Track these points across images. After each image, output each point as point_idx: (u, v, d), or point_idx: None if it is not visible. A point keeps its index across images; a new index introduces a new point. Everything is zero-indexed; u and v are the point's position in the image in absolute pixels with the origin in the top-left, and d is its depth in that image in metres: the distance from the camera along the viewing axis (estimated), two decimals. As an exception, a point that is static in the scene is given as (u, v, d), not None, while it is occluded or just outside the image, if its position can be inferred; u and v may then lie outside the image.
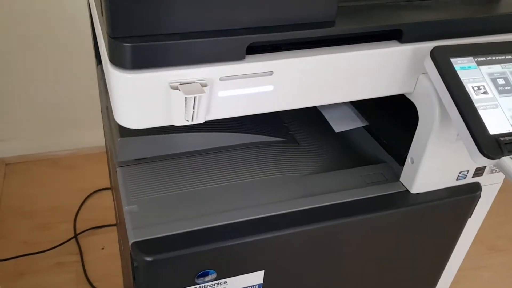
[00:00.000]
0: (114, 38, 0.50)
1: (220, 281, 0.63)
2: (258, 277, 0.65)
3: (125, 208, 0.63)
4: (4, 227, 1.55)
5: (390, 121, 0.76)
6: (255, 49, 0.55)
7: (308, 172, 0.72)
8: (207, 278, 0.61)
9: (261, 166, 0.72)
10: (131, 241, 0.59)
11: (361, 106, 0.81)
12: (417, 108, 0.65)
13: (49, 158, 1.84)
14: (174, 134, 0.72)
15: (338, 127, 0.77)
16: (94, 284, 1.37)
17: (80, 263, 1.43)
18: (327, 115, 0.79)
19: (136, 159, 0.71)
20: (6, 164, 1.78)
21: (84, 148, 1.83)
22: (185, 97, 0.51)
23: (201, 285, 0.61)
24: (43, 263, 1.44)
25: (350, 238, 0.68)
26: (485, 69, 0.59)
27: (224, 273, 0.62)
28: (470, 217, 0.74)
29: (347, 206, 0.66)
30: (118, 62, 0.51)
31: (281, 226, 0.63)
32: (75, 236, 1.52)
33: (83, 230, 1.53)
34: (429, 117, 0.63)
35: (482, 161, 0.53)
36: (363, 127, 0.80)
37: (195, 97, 0.51)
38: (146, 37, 0.50)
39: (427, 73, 0.62)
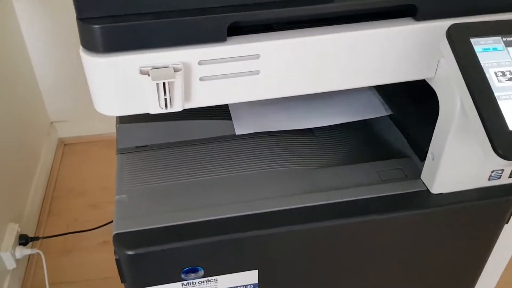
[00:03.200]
0: (82, 19, 0.47)
1: (210, 278, 0.59)
2: (252, 276, 0.60)
3: (116, 198, 0.60)
4: (58, 205, 1.62)
5: (414, 111, 0.68)
6: (239, 30, 0.50)
7: (319, 166, 0.66)
8: (193, 275, 0.58)
9: (267, 157, 0.67)
10: (114, 232, 0.56)
11: (385, 93, 0.72)
12: (438, 96, 0.56)
13: (105, 139, 1.89)
14: (176, 122, 0.69)
15: (240, 129, 0.69)
16: (135, 265, 1.39)
17: (124, 244, 1.46)
18: (233, 113, 0.71)
19: (136, 147, 0.68)
20: (65, 145, 1.85)
21: (139, 130, 1.86)
22: (156, 83, 0.47)
23: (188, 281, 0.58)
24: (90, 241, 1.49)
25: (357, 240, 0.61)
26: (514, 51, 0.49)
27: (213, 271, 0.58)
28: (507, 222, 0.65)
29: (354, 205, 0.60)
30: (89, 45, 0.48)
31: (277, 224, 0.58)
32: (122, 217, 1.55)
33: (129, 211, 1.56)
34: (449, 106, 0.54)
35: (497, 161, 0.45)
36: (389, 116, 0.72)
37: (164, 83, 0.47)
38: (116, 18, 0.47)
39: (450, 56, 0.53)
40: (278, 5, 0.49)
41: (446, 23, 0.52)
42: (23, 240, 1.30)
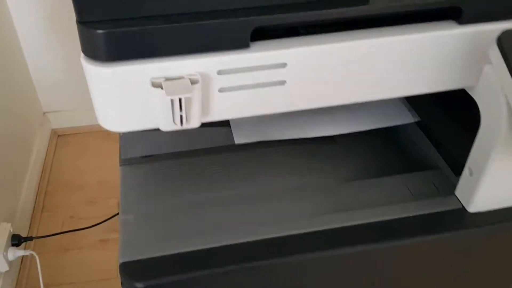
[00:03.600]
0: (83, 23, 0.40)
1: (226, 307, 0.54)
2: (272, 303, 0.55)
3: (121, 218, 0.55)
4: (52, 201, 1.56)
5: (446, 118, 0.62)
6: (263, 34, 0.44)
7: (343, 179, 0.60)
8: (209, 306, 0.52)
9: (286, 170, 0.61)
10: (120, 260, 0.51)
11: (412, 97, 0.67)
12: (480, 108, 0.51)
13: (101, 130, 1.81)
14: (184, 128, 0.63)
15: (240, 138, 0.61)
16: (134, 264, 1.34)
17: (122, 242, 1.40)
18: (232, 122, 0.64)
19: (142, 156, 0.62)
20: (59, 136, 1.79)
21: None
22: (170, 99, 0.41)
23: (202, 312, 0.53)
24: (87, 239, 1.43)
25: (387, 265, 0.56)
26: None
27: (230, 300, 0.53)
28: (546, 241, 0.60)
29: (385, 226, 0.54)
30: (91, 53, 0.42)
31: (303, 249, 0.52)
32: (120, 213, 1.49)
33: (127, 207, 1.50)
34: (494, 119, 0.49)
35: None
36: (416, 124, 0.66)
37: (180, 98, 0.41)
38: (123, 21, 0.40)
39: (495, 63, 0.48)
40: (310, 7, 0.43)
41: (493, 27, 0.46)
42: (16, 240, 1.24)
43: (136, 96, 0.43)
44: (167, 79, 0.42)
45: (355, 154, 0.64)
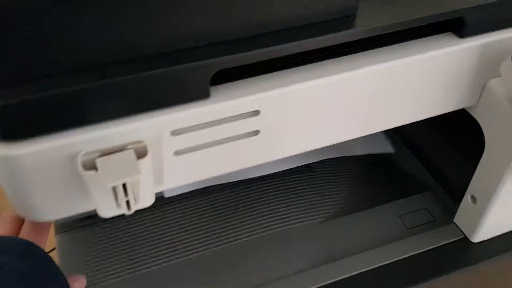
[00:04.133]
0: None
1: None
2: None
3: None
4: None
5: (436, 133, 0.54)
6: (226, 75, 0.33)
7: (327, 216, 0.51)
8: None
9: (258, 215, 0.51)
10: None
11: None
12: (483, 128, 0.43)
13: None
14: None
15: (170, 190, 0.51)
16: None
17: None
18: None
19: (80, 219, 0.50)
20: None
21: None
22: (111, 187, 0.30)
23: None
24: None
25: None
26: None
27: None
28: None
29: (383, 274, 0.46)
30: (-10, 128, 0.30)
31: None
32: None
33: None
34: (502, 141, 0.41)
35: None
36: (402, 139, 0.58)
37: (124, 183, 0.30)
38: (30, 85, 0.28)
39: (498, 76, 0.40)
40: (285, 38, 0.32)
41: (496, 37, 0.38)
42: None
43: (62, 180, 0.31)
44: (102, 153, 0.30)
45: (336, 183, 0.55)
